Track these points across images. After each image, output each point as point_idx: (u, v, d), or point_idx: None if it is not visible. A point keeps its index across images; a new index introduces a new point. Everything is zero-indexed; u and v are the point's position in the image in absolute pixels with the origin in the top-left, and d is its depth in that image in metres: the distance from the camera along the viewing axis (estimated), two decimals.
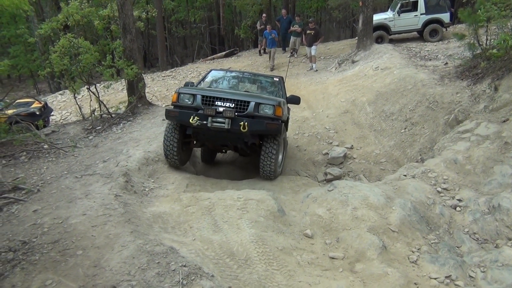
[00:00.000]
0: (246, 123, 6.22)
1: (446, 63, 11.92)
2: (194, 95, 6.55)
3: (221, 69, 10.17)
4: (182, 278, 3.50)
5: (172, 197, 6.11)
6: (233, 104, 6.40)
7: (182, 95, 6.59)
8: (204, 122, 6.25)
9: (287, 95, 8.26)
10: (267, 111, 6.49)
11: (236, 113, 6.29)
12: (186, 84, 8.06)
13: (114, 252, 4.05)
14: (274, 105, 6.48)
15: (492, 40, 9.87)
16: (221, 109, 6.30)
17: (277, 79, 8.48)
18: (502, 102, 7.88)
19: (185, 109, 6.50)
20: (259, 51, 18.66)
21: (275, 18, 20.15)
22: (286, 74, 10.39)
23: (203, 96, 6.51)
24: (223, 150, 8.52)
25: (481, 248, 5.25)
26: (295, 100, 7.95)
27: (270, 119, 6.47)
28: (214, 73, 8.64)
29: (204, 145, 7.66)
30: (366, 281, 4.55)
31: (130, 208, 5.22)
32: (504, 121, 7.26)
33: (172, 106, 6.73)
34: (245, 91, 7.73)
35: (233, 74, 8.99)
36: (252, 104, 6.43)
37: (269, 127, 6.43)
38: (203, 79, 8.28)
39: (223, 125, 6.25)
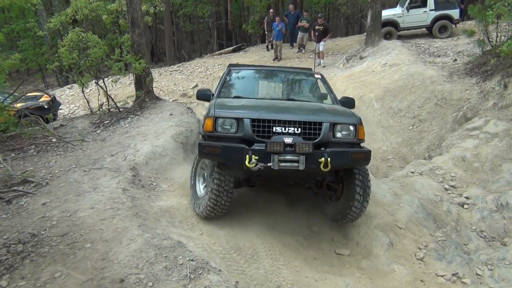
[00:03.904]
0: (329, 159, 4.36)
1: (455, 60, 11.84)
2: (238, 119, 4.57)
3: (242, 66, 7.92)
4: (189, 272, 3.53)
5: (180, 192, 6.14)
6: (299, 128, 4.53)
7: (221, 120, 4.60)
8: (268, 164, 4.33)
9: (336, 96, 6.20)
10: (346, 133, 4.68)
11: (313, 146, 4.41)
12: (202, 93, 6.01)
13: (122, 245, 4.07)
14: (356, 124, 4.70)
15: (502, 37, 9.79)
16: (288, 139, 4.40)
17: (319, 76, 6.59)
18: (511, 100, 7.82)
19: (228, 141, 4.57)
20: (267, 46, 18.60)
21: (282, 13, 20.06)
22: (314, 67, 8.98)
23: (253, 120, 4.53)
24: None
25: (488, 246, 5.23)
26: (350, 103, 5.89)
27: (352, 145, 4.74)
28: (236, 73, 6.68)
29: (254, 185, 5.57)
30: (372, 278, 4.55)
31: (138, 202, 5.25)
32: None
33: (204, 137, 4.84)
34: (289, 99, 5.98)
35: (261, 72, 6.96)
36: (325, 126, 4.56)
37: (356, 159, 4.63)
38: (224, 83, 6.24)
39: (296, 165, 4.37)
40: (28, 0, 9.25)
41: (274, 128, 4.51)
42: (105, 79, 10.92)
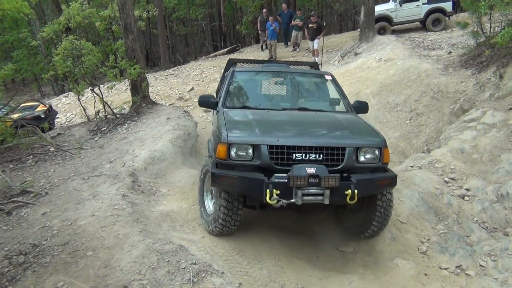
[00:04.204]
0: (356, 191, 4.02)
1: (450, 52, 11.85)
2: (254, 146, 4.19)
3: (244, 63, 7.49)
4: (192, 276, 3.52)
5: (180, 196, 6.13)
6: (320, 155, 4.19)
7: (235, 147, 4.20)
8: (292, 200, 3.98)
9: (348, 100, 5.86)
10: (371, 157, 4.36)
11: (339, 178, 4.03)
12: (205, 101, 5.63)
13: (124, 252, 4.06)
14: (381, 147, 4.39)
15: (495, 28, 9.80)
16: (311, 169, 3.99)
17: (330, 77, 6.16)
18: (507, 90, 7.82)
19: (243, 168, 4.23)
20: (261, 46, 18.60)
21: (276, 13, 20.07)
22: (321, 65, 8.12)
23: (271, 146, 4.16)
24: None
25: (490, 237, 5.23)
26: (363, 108, 5.69)
27: (377, 169, 4.42)
28: (240, 76, 6.12)
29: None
30: (376, 273, 4.55)
31: (138, 207, 5.24)
32: (510, 109, 7.21)
33: (216, 164, 4.42)
34: (301, 108, 5.55)
35: (268, 74, 6.43)
36: (349, 150, 4.23)
37: (381, 186, 4.35)
38: (228, 89, 5.77)
39: (320, 198, 4.02)
40: (20, 10, 9.23)
41: (294, 155, 4.15)
42: (101, 86, 10.89)
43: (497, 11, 9.38)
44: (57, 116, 13.00)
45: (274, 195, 3.92)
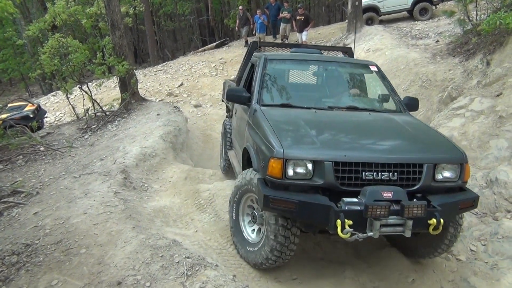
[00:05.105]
0: (441, 220, 3.35)
1: (437, 41, 11.92)
2: (315, 162, 3.42)
3: (273, 50, 6.70)
4: (186, 269, 3.53)
5: (172, 191, 6.13)
6: (395, 173, 3.47)
7: (293, 163, 3.42)
8: (369, 234, 3.28)
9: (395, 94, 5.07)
10: (451, 175, 3.66)
11: (426, 207, 3.34)
12: (236, 95, 4.77)
13: (118, 248, 4.06)
14: (462, 164, 3.70)
15: (482, 15, 9.86)
16: (387, 193, 3.32)
17: (375, 68, 5.30)
18: (494, 77, 7.88)
19: (299, 188, 3.47)
20: (245, 41, 18.43)
21: (263, 6, 20.01)
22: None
23: (336, 163, 3.41)
24: None
25: (481, 222, 5.30)
26: (414, 105, 4.97)
27: (453, 189, 3.74)
28: (275, 65, 5.16)
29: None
30: (369, 262, 4.58)
31: (131, 204, 5.23)
32: (498, 95, 7.27)
33: (269, 183, 3.57)
34: (350, 107, 4.76)
35: (306, 63, 5.49)
36: (427, 167, 3.53)
37: (463, 209, 3.78)
38: (262, 81, 4.82)
39: (400, 229, 3.35)
40: (4, 9, 9.13)
41: (364, 173, 3.42)
42: (89, 83, 10.83)
43: None
44: (46, 115, 12.91)
45: (347, 227, 3.19)
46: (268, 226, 3.72)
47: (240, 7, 18.37)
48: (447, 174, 3.63)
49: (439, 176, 3.59)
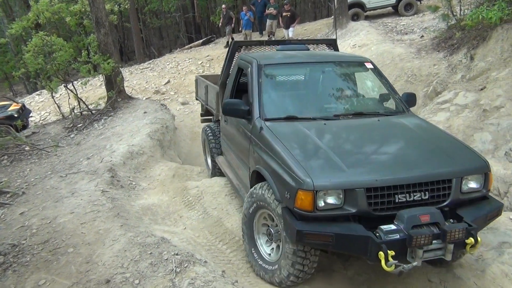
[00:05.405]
0: (478, 238, 3.18)
1: (422, 36, 12.04)
2: (345, 190, 3.17)
3: (257, 49, 6.23)
4: (175, 266, 3.53)
5: (160, 189, 6.12)
6: (426, 192, 3.27)
7: (322, 194, 3.15)
8: (414, 263, 3.07)
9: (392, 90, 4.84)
10: (476, 186, 3.51)
11: (466, 230, 3.15)
12: (233, 108, 4.38)
13: (106, 247, 4.05)
14: (487, 173, 3.54)
15: (465, 10, 9.99)
16: (424, 216, 3.12)
17: (371, 65, 4.99)
18: (478, 71, 8.00)
19: (329, 218, 3.24)
20: (227, 42, 17.93)
21: (249, 2, 19.96)
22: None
23: (368, 189, 3.16)
24: None
25: None
26: (412, 101, 4.75)
27: (477, 198, 3.56)
28: (271, 72, 4.72)
29: None
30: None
31: (118, 202, 5.21)
32: (482, 89, 7.39)
33: (296, 214, 3.25)
34: (357, 113, 4.43)
35: (303, 66, 5.15)
36: (456, 181, 3.36)
37: (489, 220, 3.60)
38: (260, 92, 4.41)
39: (440, 253, 3.16)
40: None
41: (397, 196, 3.20)
42: (74, 82, 10.73)
43: None
44: (31, 114, 12.75)
45: (390, 259, 2.98)
46: (286, 253, 3.49)
47: (224, 6, 18.26)
48: (472, 185, 3.49)
49: (465, 188, 3.45)
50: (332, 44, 6.32)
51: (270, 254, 3.90)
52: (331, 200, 3.16)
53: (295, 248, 3.39)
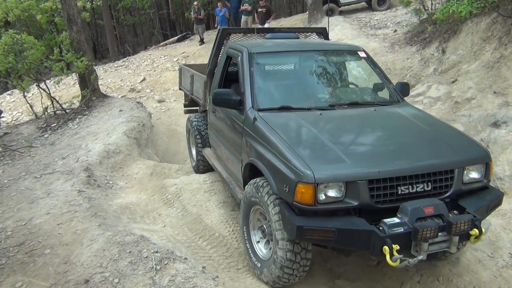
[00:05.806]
0: (482, 229, 3.15)
1: (395, 31, 12.23)
2: (347, 182, 3.06)
3: (246, 36, 6.32)
4: (155, 264, 3.52)
5: (138, 187, 6.07)
6: (429, 183, 3.20)
7: (323, 187, 3.04)
8: (419, 257, 3.00)
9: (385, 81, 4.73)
10: (477, 176, 3.46)
11: (471, 221, 3.09)
12: (223, 98, 4.22)
13: (84, 247, 4.00)
14: (488, 162, 3.50)
15: (437, 5, 10.19)
16: (428, 208, 3.05)
17: (363, 53, 4.90)
18: (450, 64, 8.19)
19: (330, 212, 3.14)
20: (202, 39, 17.82)
21: None
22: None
23: (370, 181, 3.05)
24: None
25: None
26: (406, 91, 4.69)
27: (482, 188, 3.54)
28: (262, 60, 4.56)
29: None
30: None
31: (96, 202, 5.15)
32: (453, 82, 7.56)
33: (295, 209, 3.12)
34: (352, 102, 4.38)
35: (295, 54, 4.97)
36: (458, 172, 3.30)
37: (490, 210, 3.57)
38: (252, 81, 4.24)
39: (445, 246, 3.12)
40: None
41: (399, 188, 3.11)
42: (47, 81, 10.51)
43: None
44: (2, 115, 12.41)
45: (395, 253, 2.89)
46: (276, 247, 3.36)
47: (195, 3, 18.09)
48: (474, 175, 3.43)
49: (466, 178, 3.39)
50: (322, 33, 6.26)
51: (262, 251, 3.82)
52: (332, 193, 3.06)
53: (286, 247, 3.27)
